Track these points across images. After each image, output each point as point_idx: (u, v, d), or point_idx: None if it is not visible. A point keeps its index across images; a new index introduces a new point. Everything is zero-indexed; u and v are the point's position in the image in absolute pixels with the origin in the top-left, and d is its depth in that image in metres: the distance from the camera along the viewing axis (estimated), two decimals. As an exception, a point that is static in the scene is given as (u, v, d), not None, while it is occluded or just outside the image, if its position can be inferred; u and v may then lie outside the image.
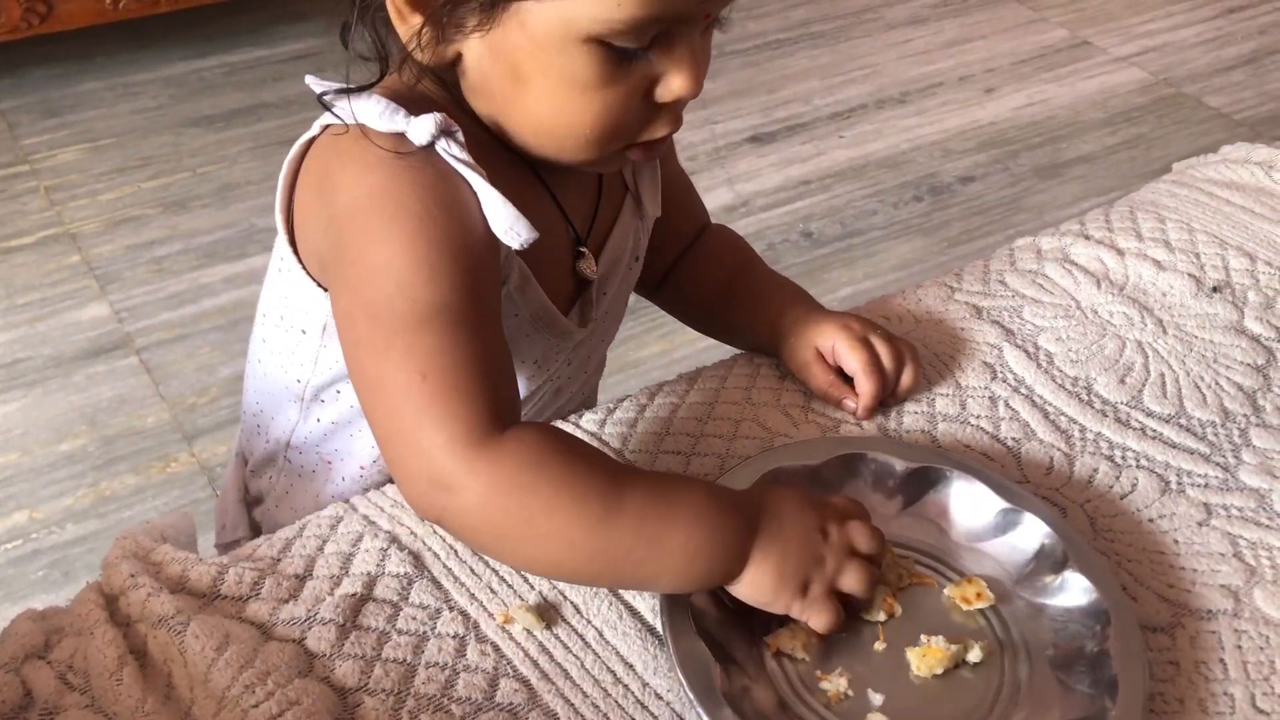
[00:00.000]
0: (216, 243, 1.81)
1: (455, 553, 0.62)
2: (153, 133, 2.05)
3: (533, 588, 0.60)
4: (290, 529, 0.63)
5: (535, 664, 0.57)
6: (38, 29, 2.01)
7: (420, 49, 0.58)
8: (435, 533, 0.63)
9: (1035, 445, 0.71)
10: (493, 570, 0.61)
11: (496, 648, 0.57)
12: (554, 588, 0.60)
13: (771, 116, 2.21)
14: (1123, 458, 0.71)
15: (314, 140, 0.63)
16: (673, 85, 0.58)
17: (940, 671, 0.57)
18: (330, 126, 0.61)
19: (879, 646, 0.58)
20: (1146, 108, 2.31)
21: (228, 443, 1.48)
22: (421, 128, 0.57)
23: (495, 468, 0.54)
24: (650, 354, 1.62)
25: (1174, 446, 0.72)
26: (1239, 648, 0.60)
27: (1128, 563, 0.64)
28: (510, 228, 0.58)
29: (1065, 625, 0.59)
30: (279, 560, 0.61)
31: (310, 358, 0.69)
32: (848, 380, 0.73)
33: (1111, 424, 0.73)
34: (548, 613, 0.59)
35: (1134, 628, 0.57)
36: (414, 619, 0.58)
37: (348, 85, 0.59)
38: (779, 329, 0.75)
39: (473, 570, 0.61)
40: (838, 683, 0.56)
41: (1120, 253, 0.87)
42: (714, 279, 0.81)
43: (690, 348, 1.60)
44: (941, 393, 0.74)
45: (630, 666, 0.57)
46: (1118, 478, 0.69)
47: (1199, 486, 0.69)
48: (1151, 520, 0.67)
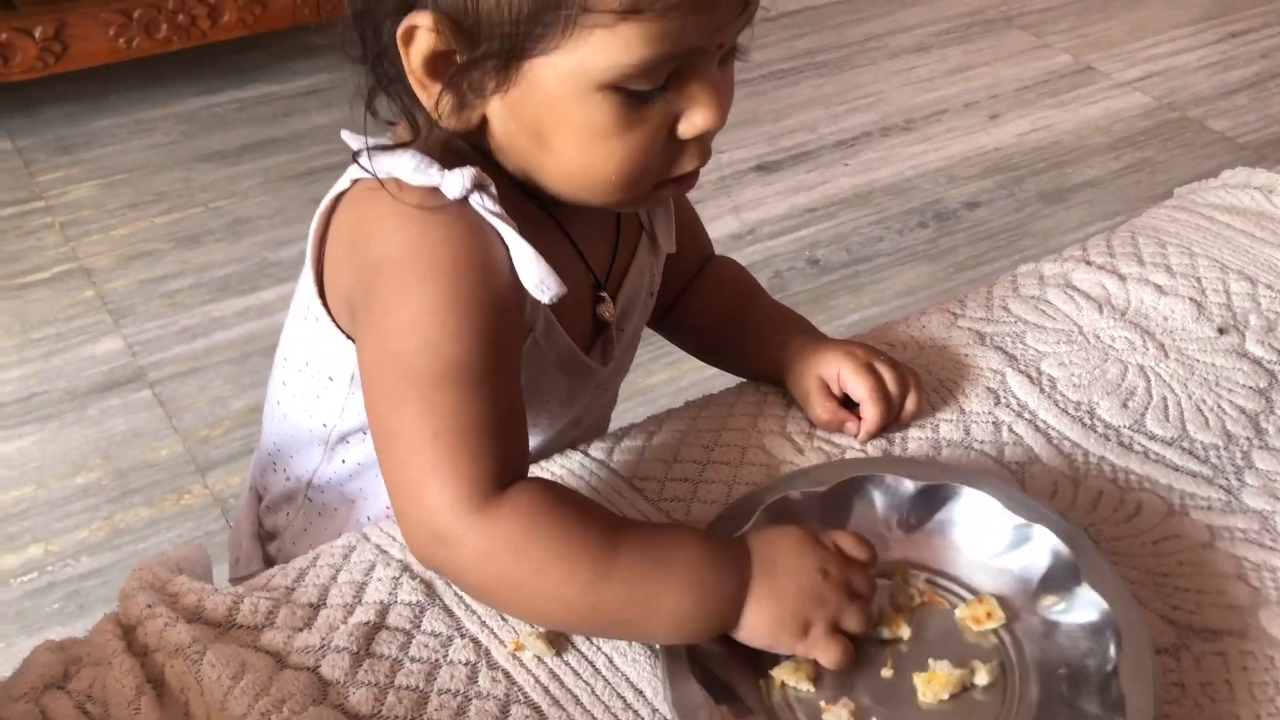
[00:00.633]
0: (228, 276, 1.83)
1: (466, 581, 0.63)
2: (165, 168, 2.08)
3: (543, 615, 0.61)
4: (304, 559, 0.64)
5: (546, 690, 0.58)
6: (53, 68, 2.04)
7: (445, 116, 0.59)
8: (446, 561, 0.64)
9: (1039, 470, 0.72)
10: (503, 598, 0.62)
11: (508, 674, 0.58)
12: (564, 615, 0.61)
13: (777, 145, 2.22)
14: (1126, 481, 0.71)
15: (343, 193, 0.64)
16: (695, 120, 0.59)
17: (946, 696, 0.57)
18: (360, 180, 0.62)
19: (886, 673, 0.59)
20: (1151, 132, 2.32)
21: (241, 475, 1.49)
22: (455, 182, 0.59)
23: (491, 529, 0.56)
24: (658, 382, 1.63)
25: (1177, 469, 0.72)
26: (1244, 669, 0.60)
27: (1132, 584, 0.65)
28: (540, 282, 0.59)
29: (1077, 642, 0.59)
30: (293, 589, 0.62)
31: (337, 404, 0.70)
32: (853, 407, 0.74)
33: (1115, 448, 0.74)
34: (558, 639, 0.60)
35: (1146, 645, 0.57)
36: (426, 646, 0.59)
37: (382, 143, 0.61)
38: (782, 359, 0.76)
39: (484, 598, 0.62)
40: (840, 713, 0.56)
41: (1122, 278, 0.88)
42: (717, 310, 0.82)
43: (697, 375, 1.61)
44: (945, 418, 0.75)
45: (640, 693, 0.58)
46: (1121, 501, 0.70)
47: (1203, 509, 0.70)
48: (1156, 543, 0.68)
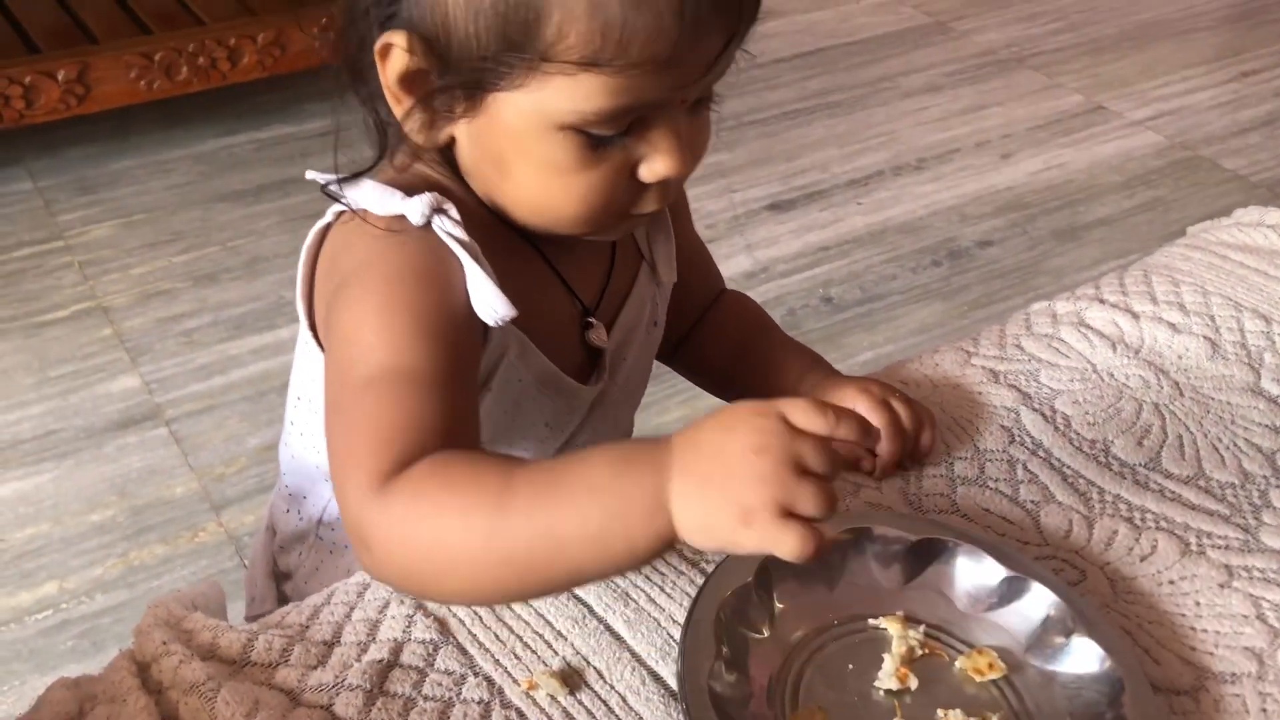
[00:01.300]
0: (245, 315, 1.85)
1: (480, 619, 0.63)
2: (183, 208, 2.10)
3: (556, 653, 0.61)
4: (318, 596, 0.64)
5: (559, 729, 0.57)
6: (75, 110, 2.06)
7: (414, 132, 0.61)
8: (460, 599, 0.64)
9: (1054, 508, 0.72)
10: (517, 637, 0.62)
11: (521, 713, 0.58)
12: (577, 653, 0.61)
13: (790, 184, 2.23)
14: (1142, 519, 0.71)
15: (328, 226, 0.65)
16: (655, 167, 0.60)
17: (963, 741, 0.57)
18: (342, 214, 0.64)
19: (897, 721, 0.58)
20: (1163, 171, 2.32)
21: (255, 512, 1.49)
22: (414, 208, 0.60)
23: (390, 507, 0.53)
24: (672, 419, 1.63)
25: (1193, 508, 0.72)
26: (1264, 710, 0.60)
27: (1149, 624, 0.64)
28: (488, 304, 0.59)
29: (1078, 693, 0.59)
30: (307, 627, 0.62)
31: None
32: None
33: (1130, 486, 0.73)
34: (571, 678, 0.60)
35: (1149, 693, 0.57)
36: (440, 685, 0.59)
37: (339, 175, 0.62)
38: (797, 395, 0.76)
39: (497, 636, 0.62)
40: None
41: (1135, 316, 0.88)
42: (729, 344, 0.82)
43: (712, 413, 1.61)
44: (960, 456, 0.75)
45: (653, 732, 0.58)
46: (1137, 539, 0.70)
47: (1220, 548, 0.69)
48: (1172, 582, 0.67)
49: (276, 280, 1.92)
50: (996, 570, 0.64)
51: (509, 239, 0.65)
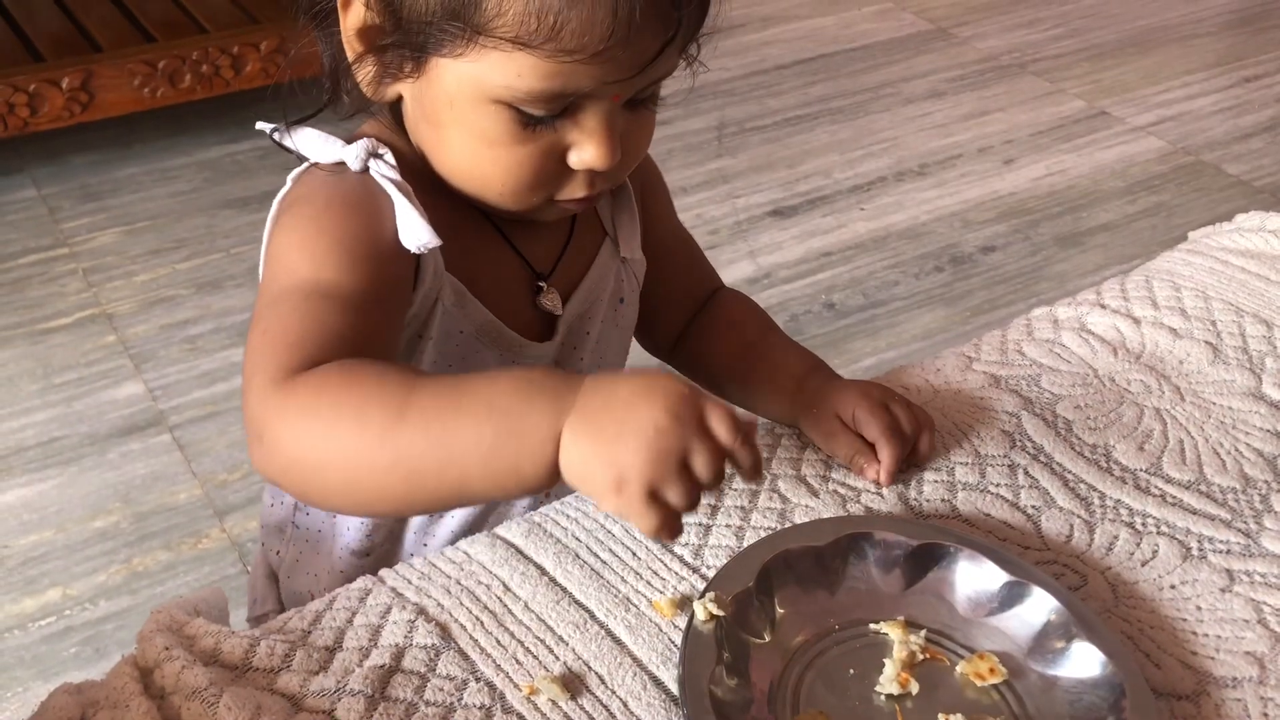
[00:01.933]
0: (248, 322, 1.84)
1: (481, 624, 0.63)
2: (187, 215, 2.10)
3: (558, 658, 0.61)
4: (320, 602, 0.65)
5: (560, 734, 0.57)
6: (79, 117, 2.07)
7: (364, 83, 0.63)
8: (462, 604, 0.64)
9: (1055, 513, 0.72)
10: (518, 642, 0.62)
11: (522, 718, 0.58)
12: (578, 658, 0.61)
13: (792, 190, 2.24)
14: (1143, 524, 0.71)
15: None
16: (583, 155, 0.61)
17: (964, 743, 0.57)
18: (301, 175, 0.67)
19: (899, 724, 0.58)
20: (1166, 176, 2.33)
21: (258, 518, 1.49)
22: (352, 153, 0.63)
23: (287, 405, 0.54)
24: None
25: (1194, 513, 0.72)
26: (1265, 715, 0.60)
27: (1150, 629, 0.64)
28: (413, 232, 0.61)
29: (1080, 697, 0.59)
30: (309, 632, 0.62)
31: None
32: (868, 447, 0.74)
33: (1131, 491, 0.73)
34: (573, 683, 0.60)
35: (1150, 698, 0.57)
36: (441, 690, 0.59)
37: (287, 122, 0.66)
38: (799, 399, 0.76)
39: (499, 641, 0.62)
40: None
41: (1136, 321, 0.88)
42: (729, 345, 0.82)
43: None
44: (961, 461, 0.75)
45: (654, 737, 0.58)
46: (1138, 544, 0.70)
47: (1221, 553, 0.69)
48: (1173, 587, 0.67)
49: (280, 287, 1.92)
50: (997, 575, 0.64)
51: (455, 198, 0.67)
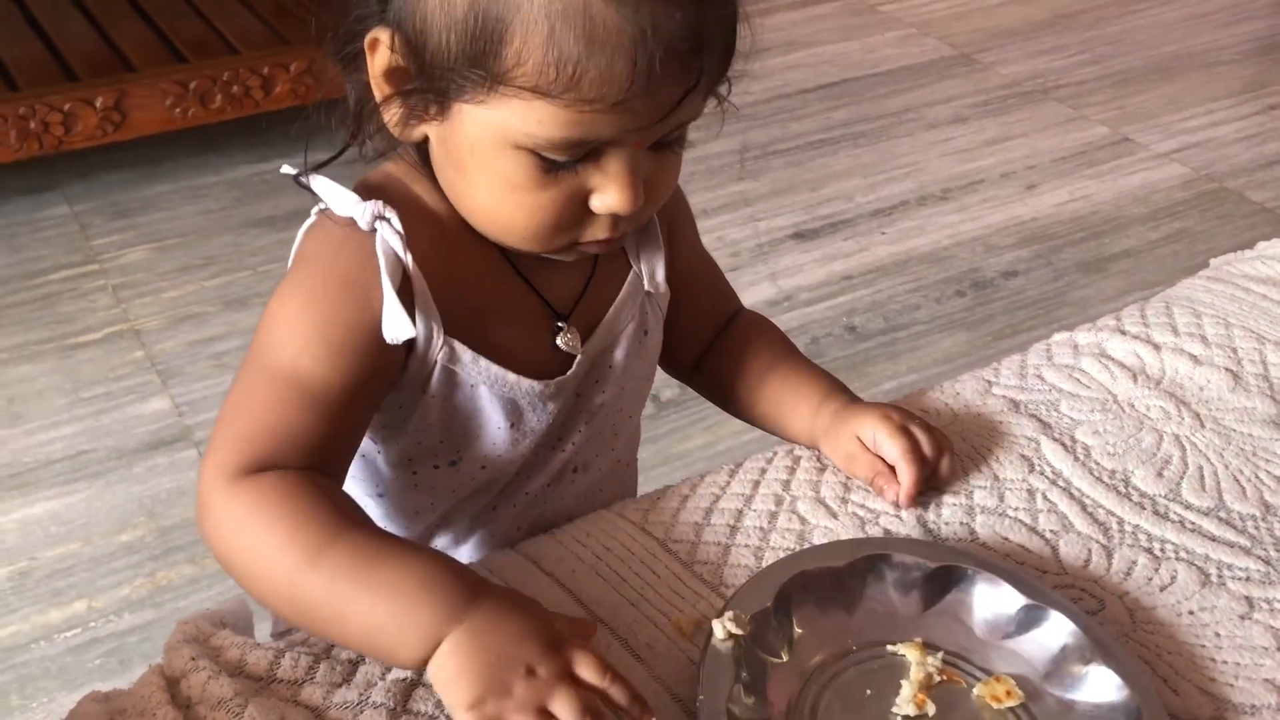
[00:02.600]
0: (274, 338, 1.87)
1: (502, 640, 0.63)
2: (216, 233, 2.13)
3: (577, 675, 0.62)
4: (344, 615, 0.65)
5: (579, 750, 0.58)
6: (112, 136, 2.11)
7: (392, 124, 0.64)
8: (483, 620, 0.64)
9: (1073, 537, 0.72)
10: (538, 657, 0.62)
11: (541, 733, 0.59)
12: (598, 675, 0.62)
13: (814, 214, 2.25)
14: (1162, 550, 0.71)
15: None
16: (606, 200, 0.62)
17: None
18: (321, 211, 0.68)
19: (915, 748, 0.59)
20: (1189, 203, 2.32)
21: (281, 534, 1.50)
22: (361, 211, 0.64)
23: (232, 500, 0.59)
24: (693, 446, 1.63)
25: (1214, 539, 0.72)
26: (1283, 742, 0.60)
27: (1168, 655, 0.64)
28: (391, 323, 0.63)
29: None
30: (333, 645, 0.63)
31: None
32: (889, 469, 0.74)
33: (1150, 516, 0.74)
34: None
35: (1169, 720, 0.57)
36: (462, 704, 0.60)
37: (310, 167, 0.67)
38: (819, 421, 0.77)
39: (519, 657, 0.62)
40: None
41: (1156, 347, 0.89)
42: (749, 367, 0.82)
43: (734, 440, 1.62)
44: (979, 485, 0.76)
45: (672, 754, 0.58)
46: (1157, 570, 0.70)
47: (1240, 580, 0.69)
48: (1192, 613, 0.67)
49: (305, 305, 1.94)
50: (1015, 598, 0.64)
51: (476, 239, 0.68)
